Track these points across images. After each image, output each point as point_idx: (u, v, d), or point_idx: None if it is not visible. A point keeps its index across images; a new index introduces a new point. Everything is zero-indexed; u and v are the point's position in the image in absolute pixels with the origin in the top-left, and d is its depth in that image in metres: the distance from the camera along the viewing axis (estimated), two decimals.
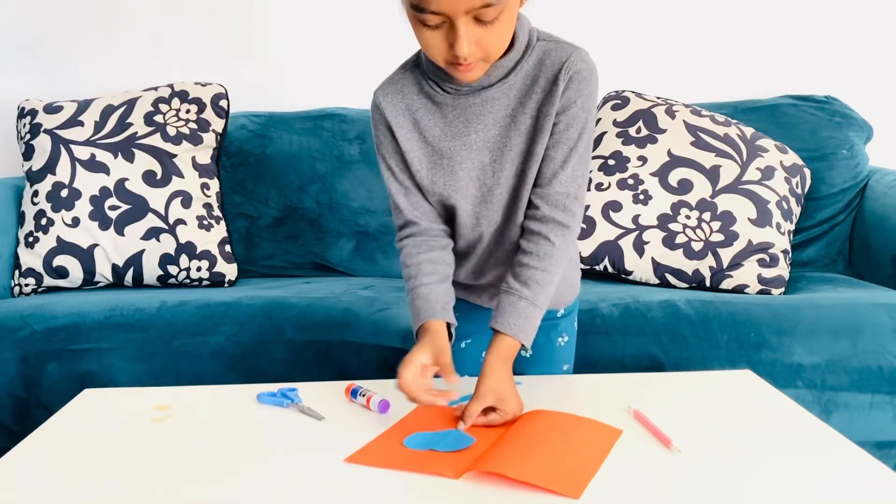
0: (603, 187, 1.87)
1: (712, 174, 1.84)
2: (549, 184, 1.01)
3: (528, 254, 1.02)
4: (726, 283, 1.77)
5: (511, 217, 1.07)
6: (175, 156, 1.94)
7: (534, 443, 0.88)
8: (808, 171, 1.96)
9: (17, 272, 1.88)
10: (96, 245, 1.87)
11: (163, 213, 1.89)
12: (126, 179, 1.90)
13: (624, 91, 2.05)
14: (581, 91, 0.99)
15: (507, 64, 1.00)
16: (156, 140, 1.94)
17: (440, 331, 1.00)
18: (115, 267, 1.88)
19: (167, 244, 1.88)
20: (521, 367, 1.11)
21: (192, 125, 1.98)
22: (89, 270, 1.87)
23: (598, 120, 2.01)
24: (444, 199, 1.06)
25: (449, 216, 1.10)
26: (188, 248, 1.89)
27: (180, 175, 1.93)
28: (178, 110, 1.99)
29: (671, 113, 1.95)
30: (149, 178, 1.91)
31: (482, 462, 0.83)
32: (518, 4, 0.95)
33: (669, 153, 1.88)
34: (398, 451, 0.88)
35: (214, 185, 1.99)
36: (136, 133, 1.94)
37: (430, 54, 0.95)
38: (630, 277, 1.83)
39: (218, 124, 2.02)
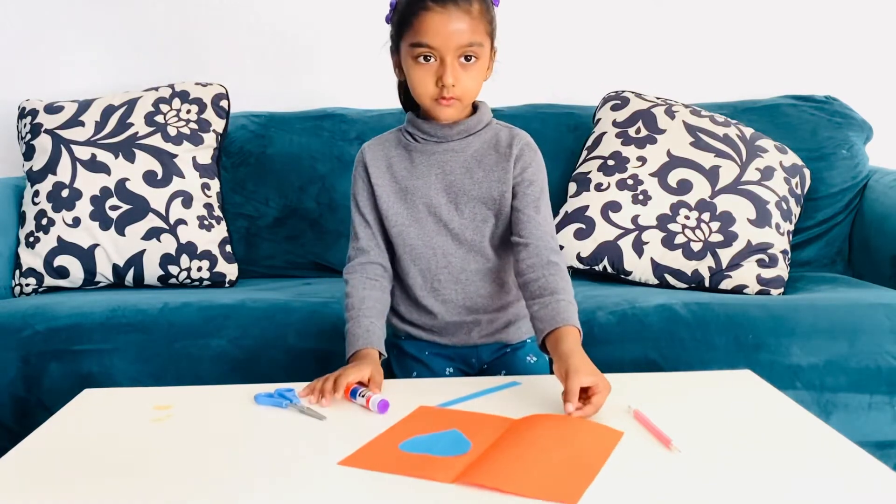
0: (602, 187, 1.87)
1: (712, 174, 1.84)
2: (530, 230, 1.20)
3: (538, 276, 1.16)
4: (725, 284, 1.77)
5: (469, 252, 1.25)
6: (176, 156, 1.94)
7: (530, 450, 0.87)
8: (807, 172, 1.96)
9: (17, 272, 1.88)
10: (97, 245, 1.87)
11: (163, 213, 1.89)
12: (127, 179, 1.90)
13: (624, 91, 2.06)
14: (533, 157, 1.24)
15: (470, 125, 1.24)
16: (156, 140, 1.94)
17: (377, 358, 1.17)
18: (115, 267, 1.88)
19: (168, 244, 1.88)
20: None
21: (193, 125, 1.99)
22: (90, 270, 1.87)
23: (599, 120, 2.02)
24: (403, 229, 1.25)
25: (405, 251, 1.26)
26: (189, 249, 1.89)
27: (181, 175, 1.93)
28: (178, 110, 1.99)
29: (671, 113, 1.95)
30: (149, 178, 1.91)
31: (474, 473, 0.81)
32: (487, 66, 1.21)
33: (669, 153, 1.88)
34: (393, 454, 0.88)
35: (215, 185, 1.99)
36: (137, 133, 1.94)
37: (418, 91, 1.18)
38: (629, 278, 1.84)
39: (218, 124, 2.02)
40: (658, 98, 2.02)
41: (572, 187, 1.93)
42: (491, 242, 1.25)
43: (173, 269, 1.89)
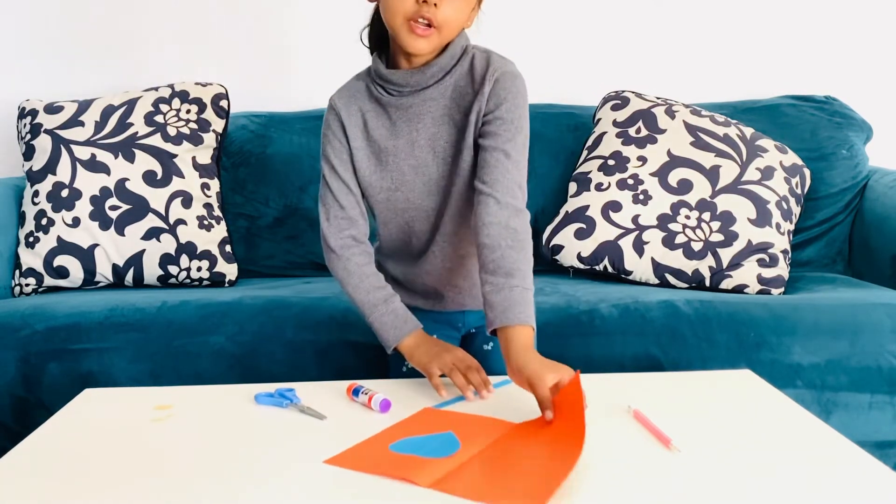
0: (603, 187, 1.87)
1: (712, 174, 1.84)
2: (495, 177, 1.08)
3: (496, 246, 1.06)
4: (726, 283, 1.77)
5: (458, 210, 1.16)
6: (175, 156, 1.94)
7: (509, 457, 0.86)
8: (807, 172, 1.96)
9: (17, 272, 1.88)
10: (97, 245, 1.87)
11: (163, 213, 1.89)
12: (126, 179, 1.90)
13: (624, 91, 2.05)
14: (509, 90, 1.09)
15: (443, 63, 1.10)
16: (156, 140, 1.94)
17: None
18: (115, 267, 1.88)
19: (167, 244, 1.88)
20: (482, 356, 1.19)
21: (193, 125, 1.98)
22: (90, 270, 1.87)
23: (599, 120, 2.01)
24: (390, 195, 1.16)
25: (393, 213, 1.18)
26: (188, 248, 1.89)
27: (181, 175, 1.93)
28: (178, 110, 1.99)
29: (671, 113, 1.95)
30: (149, 178, 1.91)
31: (450, 480, 0.81)
32: (474, 3, 1.09)
33: (669, 153, 1.88)
34: (381, 455, 0.87)
35: (215, 185, 1.99)
36: (137, 133, 1.94)
37: (392, 11, 1.05)
38: (630, 278, 1.83)
39: (218, 124, 2.02)
40: (658, 98, 2.02)
41: (572, 187, 1.93)
42: (469, 191, 1.15)
43: (173, 269, 1.89)
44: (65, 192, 1.88)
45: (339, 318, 1.57)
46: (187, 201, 1.91)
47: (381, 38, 1.15)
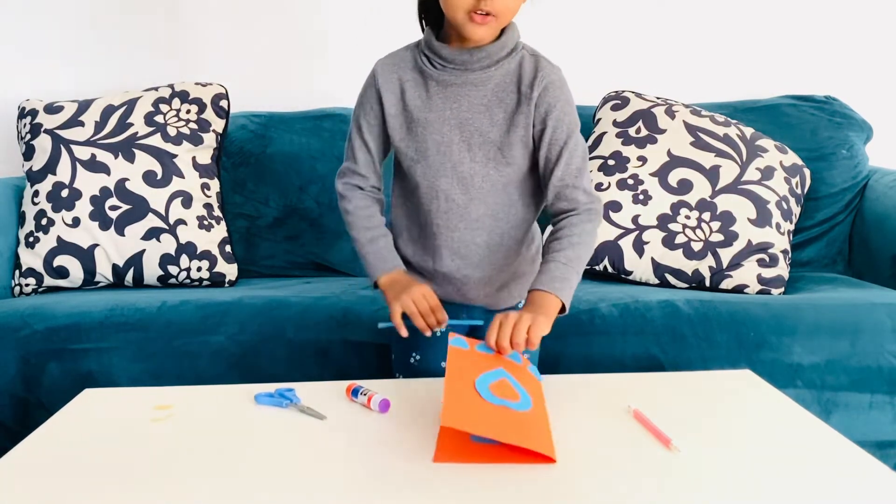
0: (603, 187, 1.87)
1: (712, 174, 1.84)
2: (550, 180, 1.14)
3: (554, 234, 1.14)
4: (726, 283, 1.77)
5: (473, 200, 1.18)
6: (175, 156, 1.94)
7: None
8: (807, 171, 1.96)
9: (17, 272, 1.88)
10: (97, 245, 1.87)
11: (163, 213, 1.89)
12: (126, 179, 1.90)
13: (624, 91, 2.05)
14: (558, 98, 1.15)
15: (493, 51, 1.13)
16: (156, 140, 1.94)
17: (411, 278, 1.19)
18: (115, 267, 1.88)
19: (167, 244, 1.88)
20: None
21: (193, 125, 1.98)
22: (89, 270, 1.87)
23: (599, 120, 2.01)
24: (411, 165, 1.19)
25: (411, 186, 1.21)
26: (188, 249, 1.89)
27: (181, 175, 1.93)
28: (178, 110, 1.99)
29: (671, 113, 1.95)
30: (149, 178, 1.91)
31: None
32: None
33: (669, 153, 1.88)
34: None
35: (215, 185, 1.99)
36: (137, 133, 1.94)
37: (453, 6, 1.08)
38: (630, 278, 1.83)
39: (218, 124, 2.02)
40: (658, 98, 2.02)
41: None
42: (497, 190, 1.18)
43: (173, 269, 1.89)
44: (65, 192, 1.88)
45: (340, 318, 1.57)
46: (187, 201, 1.91)
47: (436, 14, 1.17)
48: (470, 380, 0.93)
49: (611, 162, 1.90)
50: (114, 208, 1.88)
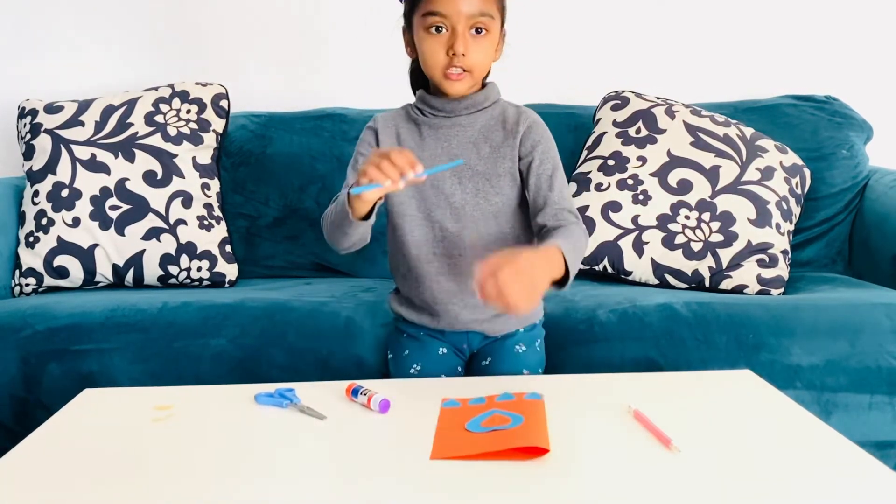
0: (602, 187, 1.87)
1: (712, 174, 1.84)
2: (543, 207, 1.22)
3: (550, 233, 1.18)
4: (725, 284, 1.77)
5: (465, 228, 1.26)
6: (175, 156, 1.94)
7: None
8: (807, 172, 1.96)
9: (17, 272, 1.88)
10: (97, 245, 1.87)
11: (163, 213, 1.89)
12: (126, 179, 1.90)
13: (624, 91, 2.05)
14: (541, 135, 1.26)
15: (477, 100, 1.26)
16: (156, 140, 1.94)
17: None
18: (115, 267, 1.88)
19: (168, 244, 1.88)
20: (481, 372, 1.30)
21: (193, 125, 1.99)
22: (90, 270, 1.87)
23: (599, 120, 2.02)
24: (405, 199, 1.27)
25: (404, 221, 1.29)
26: (189, 249, 1.89)
27: (181, 175, 1.93)
28: (178, 110, 1.99)
29: (671, 113, 1.95)
30: (149, 178, 1.91)
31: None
32: (498, 41, 1.24)
33: (669, 153, 1.88)
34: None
35: (215, 185, 1.99)
36: (137, 133, 1.94)
37: (429, 63, 1.21)
38: (629, 278, 1.83)
39: (218, 124, 2.02)
40: (658, 98, 2.02)
41: (572, 187, 1.93)
42: (487, 218, 1.27)
43: (173, 269, 1.89)
44: (65, 192, 1.88)
45: (341, 324, 1.57)
46: (187, 201, 1.91)
47: (422, 79, 1.29)
48: (460, 424, 0.95)
49: (610, 162, 1.90)
50: (114, 208, 1.88)
